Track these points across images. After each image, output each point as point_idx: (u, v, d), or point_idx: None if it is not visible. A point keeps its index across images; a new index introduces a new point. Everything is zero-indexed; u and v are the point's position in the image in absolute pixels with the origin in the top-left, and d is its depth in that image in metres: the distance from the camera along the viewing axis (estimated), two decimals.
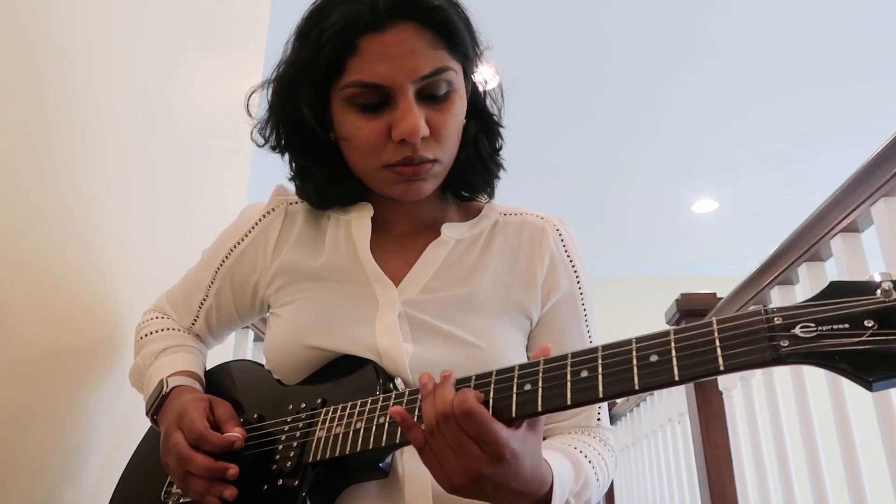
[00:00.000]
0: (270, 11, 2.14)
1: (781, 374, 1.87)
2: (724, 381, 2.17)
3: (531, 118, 4.08)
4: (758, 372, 1.97)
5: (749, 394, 2.02)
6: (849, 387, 1.53)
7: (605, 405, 0.92)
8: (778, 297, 1.84)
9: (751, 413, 2.00)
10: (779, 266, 1.79)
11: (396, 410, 0.67)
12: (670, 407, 2.55)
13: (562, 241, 0.94)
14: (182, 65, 1.50)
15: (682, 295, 2.35)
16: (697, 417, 2.25)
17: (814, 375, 1.66)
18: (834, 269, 1.56)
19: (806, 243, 1.65)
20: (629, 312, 5.05)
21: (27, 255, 1.00)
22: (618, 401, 3.30)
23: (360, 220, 0.93)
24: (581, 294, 0.93)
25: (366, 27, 0.79)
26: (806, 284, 1.70)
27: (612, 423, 3.47)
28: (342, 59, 0.80)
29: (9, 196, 0.96)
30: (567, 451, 0.81)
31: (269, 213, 0.98)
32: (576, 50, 3.63)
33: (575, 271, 0.94)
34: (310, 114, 0.85)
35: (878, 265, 1.40)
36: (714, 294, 2.35)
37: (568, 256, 0.94)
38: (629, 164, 4.62)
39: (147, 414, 0.90)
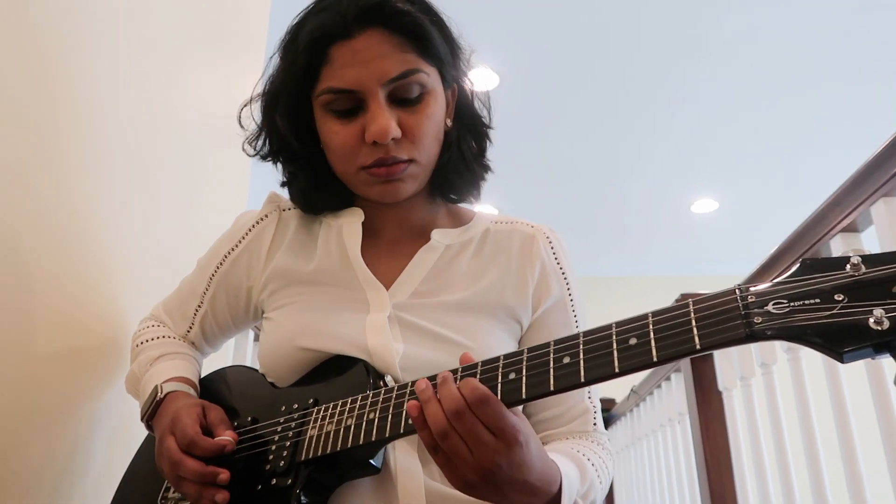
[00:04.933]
0: (270, 16, 2.14)
1: (781, 374, 1.87)
2: (724, 381, 2.17)
3: (531, 117, 4.08)
4: (757, 371, 1.97)
5: (749, 394, 2.02)
6: (848, 386, 1.53)
7: (599, 412, 0.94)
8: None
9: (750, 413, 2.00)
10: (778, 266, 1.78)
11: (413, 405, 0.67)
12: (670, 407, 2.54)
13: (552, 249, 0.96)
14: (183, 69, 1.51)
15: (681, 295, 2.35)
16: (697, 417, 2.24)
17: (813, 375, 1.66)
18: None
19: (806, 243, 1.65)
20: (629, 312, 5.03)
21: (30, 258, 1.00)
22: (617, 400, 3.30)
23: (350, 226, 0.94)
24: (571, 301, 0.95)
25: (336, 35, 0.82)
26: None
27: (611, 423, 3.46)
28: (316, 68, 0.84)
29: (14, 200, 0.97)
30: (571, 454, 0.83)
31: (262, 219, 0.99)
32: (576, 48, 3.63)
33: (565, 279, 0.95)
34: (285, 124, 0.88)
35: None
36: None
37: (558, 264, 0.95)
38: (629, 164, 4.62)
39: (142, 419, 0.91)
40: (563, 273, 0.95)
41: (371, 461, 0.75)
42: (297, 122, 0.89)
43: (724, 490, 2.14)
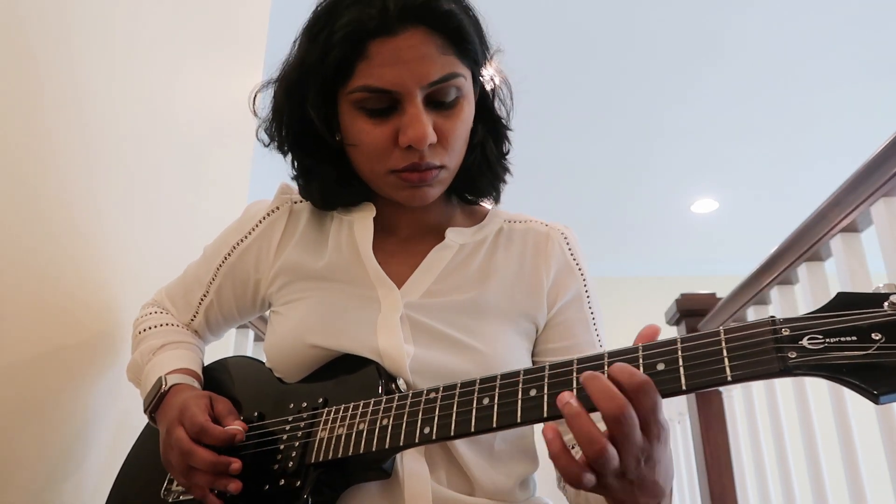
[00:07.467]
0: (270, 15, 2.15)
1: None
2: None
3: (532, 118, 4.08)
4: None
5: (749, 394, 2.03)
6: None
7: None
8: (778, 297, 1.85)
9: (751, 413, 2.00)
10: (779, 266, 1.79)
11: (553, 432, 0.59)
12: (670, 407, 2.55)
13: (568, 247, 0.94)
14: (183, 66, 1.51)
15: (682, 295, 2.35)
16: (697, 417, 2.25)
17: None
18: (834, 269, 1.57)
19: (806, 243, 1.65)
20: (629, 312, 5.05)
21: (29, 253, 1.00)
22: None
23: (362, 222, 0.92)
24: (588, 297, 0.93)
25: (376, 31, 0.77)
26: (806, 284, 1.70)
27: None
28: (351, 63, 0.79)
29: (11, 195, 0.96)
30: None
31: (273, 211, 0.97)
32: (577, 51, 3.63)
33: (582, 275, 0.93)
34: (317, 116, 0.84)
35: (877, 265, 1.40)
36: (714, 294, 2.35)
37: (575, 261, 0.94)
38: (629, 164, 4.62)
39: (145, 411, 0.90)
40: (579, 270, 0.93)
41: (382, 465, 0.74)
42: (326, 116, 0.85)
43: (724, 490, 2.14)
